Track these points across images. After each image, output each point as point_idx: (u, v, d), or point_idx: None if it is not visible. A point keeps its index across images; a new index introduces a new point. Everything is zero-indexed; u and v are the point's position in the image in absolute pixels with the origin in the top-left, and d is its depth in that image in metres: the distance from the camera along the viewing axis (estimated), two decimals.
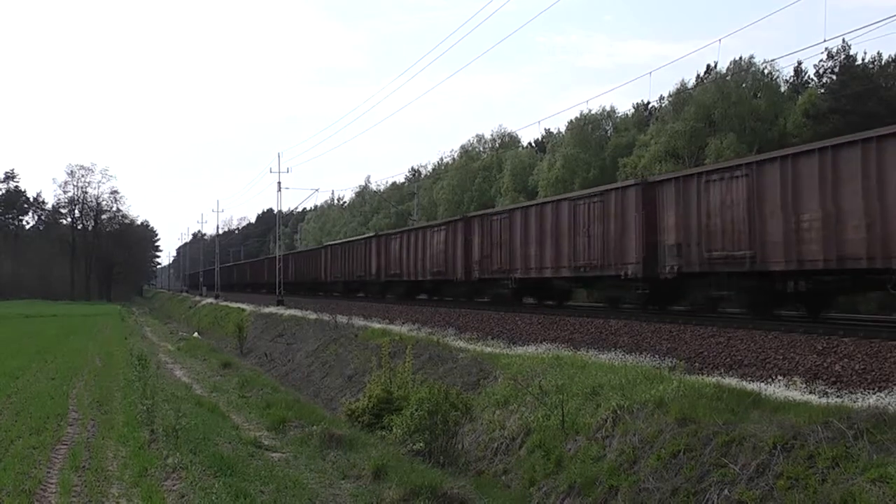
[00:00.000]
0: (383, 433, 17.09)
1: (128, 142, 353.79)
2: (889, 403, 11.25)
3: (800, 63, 60.07)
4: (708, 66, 60.16)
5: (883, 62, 53.08)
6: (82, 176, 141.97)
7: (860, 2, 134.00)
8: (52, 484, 11.59)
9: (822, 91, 52.36)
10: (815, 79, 55.90)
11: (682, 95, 55.61)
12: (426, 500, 11.67)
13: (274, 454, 14.85)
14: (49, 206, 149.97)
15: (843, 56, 52.61)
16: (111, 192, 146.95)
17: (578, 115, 65.85)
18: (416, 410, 15.81)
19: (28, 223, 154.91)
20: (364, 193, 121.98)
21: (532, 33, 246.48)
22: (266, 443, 15.98)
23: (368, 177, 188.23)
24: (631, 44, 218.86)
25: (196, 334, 53.61)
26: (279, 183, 78.28)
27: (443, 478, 13.06)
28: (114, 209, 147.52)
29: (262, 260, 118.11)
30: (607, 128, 66.78)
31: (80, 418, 17.23)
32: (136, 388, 20.01)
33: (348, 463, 13.90)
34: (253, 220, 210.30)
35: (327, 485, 12.63)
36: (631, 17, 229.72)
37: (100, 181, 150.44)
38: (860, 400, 11.92)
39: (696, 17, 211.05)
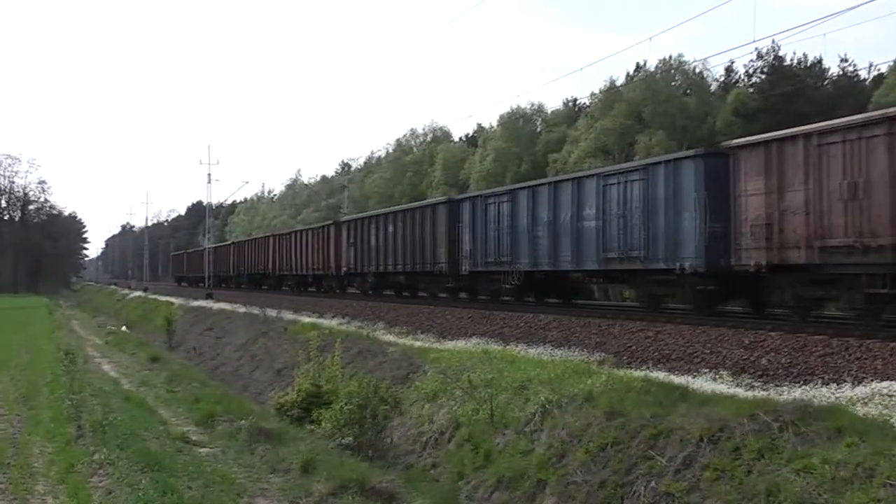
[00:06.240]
0: (312, 427, 17.04)
1: (53, 132, 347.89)
2: (814, 396, 11.44)
3: (732, 62, 60.66)
4: (637, 63, 60.66)
5: (809, 63, 53.88)
6: (9, 165, 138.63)
7: (790, 3, 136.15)
8: None
9: (752, 90, 52.97)
10: (745, 78, 56.53)
11: (611, 93, 55.99)
12: (355, 494, 11.65)
13: (202, 449, 14.76)
14: None
15: (772, 56, 53.29)
16: (39, 182, 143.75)
17: (510, 110, 66.19)
18: (346, 404, 15.80)
19: None
20: (294, 186, 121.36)
21: (469, 25, 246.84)
22: (194, 438, 15.87)
23: (299, 170, 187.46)
24: (562, 33, 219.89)
25: (124, 328, 52.91)
26: (209, 174, 77.78)
27: (371, 472, 13.08)
28: (41, 199, 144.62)
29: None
30: (538, 122, 67.12)
31: (5, 414, 16.99)
32: (64, 382, 19.72)
33: (277, 457, 13.85)
34: (183, 212, 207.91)
35: (256, 479, 12.58)
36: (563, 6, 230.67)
37: (27, 171, 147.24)
38: (786, 393, 12.11)
39: (628, 13, 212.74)
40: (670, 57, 55.60)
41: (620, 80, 58.24)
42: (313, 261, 53.66)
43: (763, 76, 53.85)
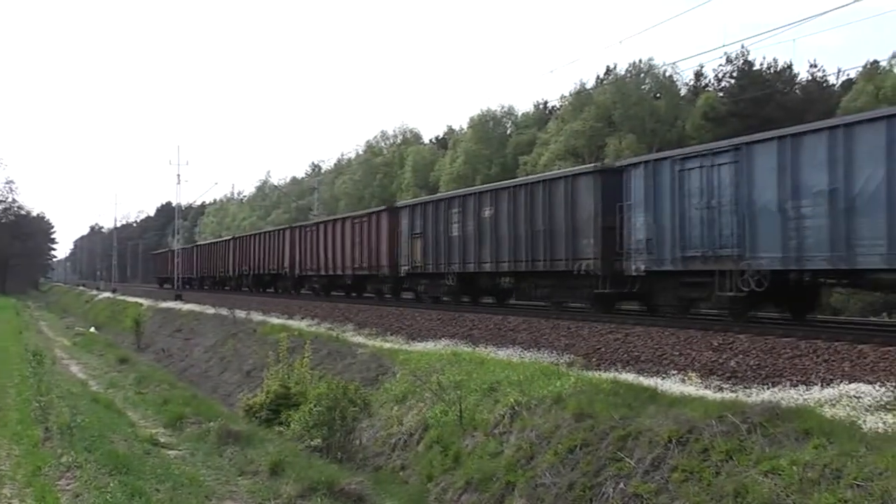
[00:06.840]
0: (281, 429, 16.97)
1: (21, 131, 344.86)
2: (782, 398, 11.50)
3: (702, 66, 61.03)
4: (607, 66, 60.89)
5: (778, 68, 54.20)
6: None
7: (760, 9, 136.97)
8: None
9: (721, 94, 53.24)
10: (714, 82, 56.84)
11: (581, 95, 56.20)
12: (323, 496, 11.59)
13: (170, 451, 14.59)
14: None
15: (741, 61, 53.54)
16: (6, 182, 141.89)
17: (480, 112, 66.43)
18: (315, 406, 15.72)
19: None
20: (264, 187, 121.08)
21: (435, 28, 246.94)
22: (162, 440, 15.68)
23: (269, 171, 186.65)
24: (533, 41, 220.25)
25: (93, 329, 52.53)
26: (178, 175, 77.35)
27: (340, 473, 13.00)
28: (9, 200, 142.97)
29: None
30: (508, 124, 67.38)
31: None
32: (31, 384, 19.51)
33: (245, 459, 13.73)
34: (152, 213, 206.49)
35: (224, 481, 12.47)
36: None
37: None
38: (754, 395, 12.18)
39: (597, 18, 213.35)
40: (640, 60, 55.98)
41: (590, 83, 58.53)
42: (354, 258, 43.03)
43: (732, 80, 54.08)
